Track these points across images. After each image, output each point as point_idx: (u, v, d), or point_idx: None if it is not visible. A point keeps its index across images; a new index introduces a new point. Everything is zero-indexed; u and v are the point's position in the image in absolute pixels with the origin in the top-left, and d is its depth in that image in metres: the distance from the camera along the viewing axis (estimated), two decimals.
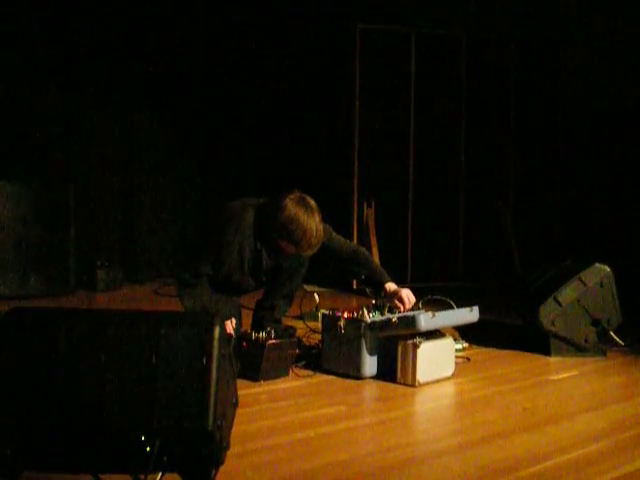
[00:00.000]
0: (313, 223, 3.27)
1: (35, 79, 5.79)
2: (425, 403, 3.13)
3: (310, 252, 3.40)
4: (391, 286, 3.56)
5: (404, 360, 3.23)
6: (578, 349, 3.85)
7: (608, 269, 3.89)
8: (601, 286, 3.86)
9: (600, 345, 3.89)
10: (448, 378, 3.36)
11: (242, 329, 3.57)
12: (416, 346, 3.20)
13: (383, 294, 3.54)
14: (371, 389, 3.25)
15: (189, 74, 6.46)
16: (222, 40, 6.55)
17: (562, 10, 6.33)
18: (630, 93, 5.97)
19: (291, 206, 3.29)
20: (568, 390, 3.34)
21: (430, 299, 3.63)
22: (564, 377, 3.52)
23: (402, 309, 3.46)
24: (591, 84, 6.26)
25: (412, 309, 3.49)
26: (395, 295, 3.50)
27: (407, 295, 3.49)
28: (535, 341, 3.94)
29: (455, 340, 3.64)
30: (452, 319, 3.47)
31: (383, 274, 3.63)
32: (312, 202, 3.34)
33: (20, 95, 5.75)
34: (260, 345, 3.24)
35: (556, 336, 3.83)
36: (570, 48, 6.46)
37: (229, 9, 6.53)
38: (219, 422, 1.90)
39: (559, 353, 3.85)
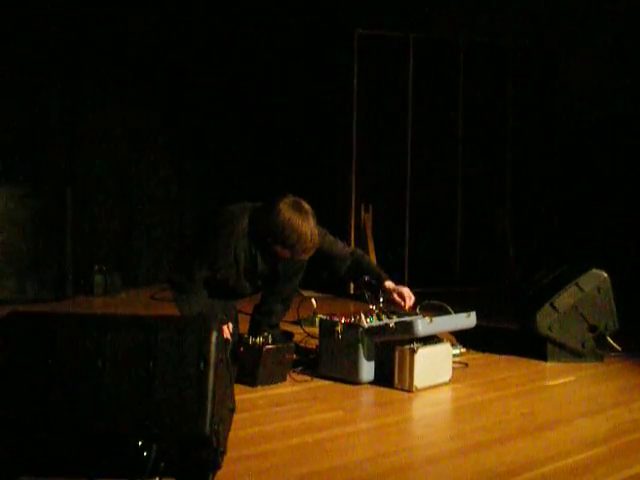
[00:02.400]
0: (308, 227, 3.27)
1: (33, 81, 5.79)
2: (422, 408, 3.13)
3: (305, 256, 3.40)
4: (390, 284, 3.57)
5: (401, 365, 3.23)
6: (575, 354, 3.85)
7: (605, 275, 3.90)
8: (598, 292, 3.87)
9: (597, 350, 3.89)
10: (445, 383, 3.36)
11: (239, 334, 3.57)
12: (413, 351, 3.20)
13: (382, 295, 3.54)
14: (368, 394, 3.24)
15: (188, 78, 6.46)
16: (221, 43, 6.56)
17: (560, 15, 6.34)
18: (628, 98, 5.99)
19: (285, 210, 3.28)
20: (565, 395, 3.35)
21: (427, 304, 3.63)
22: (561, 382, 3.52)
23: (404, 305, 3.46)
24: (589, 89, 6.28)
25: (410, 314, 3.49)
26: (396, 292, 3.51)
27: (408, 292, 3.51)
28: (532, 346, 3.95)
29: (452, 345, 3.64)
30: (449, 324, 3.47)
31: (381, 273, 3.64)
32: (307, 206, 3.34)
33: (18, 98, 5.75)
34: (257, 350, 3.23)
35: (553, 341, 3.84)
36: (567, 52, 6.48)
37: (228, 13, 6.54)
38: (216, 427, 1.90)
39: (556, 358, 3.85)
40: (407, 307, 3.48)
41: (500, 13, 6.44)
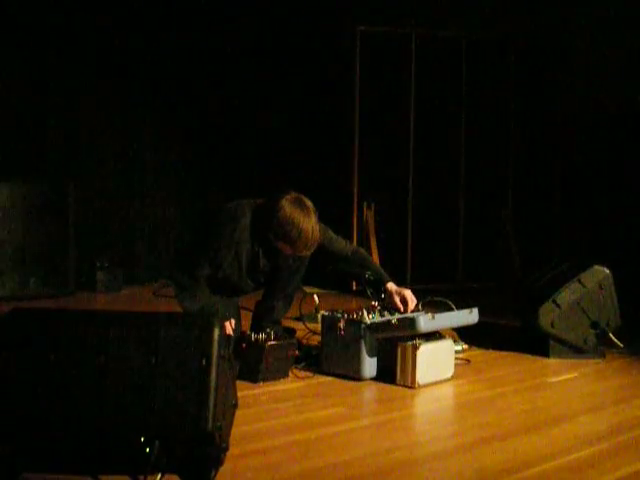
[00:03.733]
0: (309, 223, 3.27)
1: (34, 78, 5.79)
2: (424, 405, 3.13)
3: (306, 252, 3.39)
4: (392, 286, 3.56)
5: (404, 362, 3.23)
6: (577, 351, 3.85)
7: (607, 271, 3.89)
8: (600, 288, 3.86)
9: (599, 347, 3.89)
10: (447, 380, 3.36)
11: (241, 330, 3.57)
12: (416, 348, 3.20)
13: (383, 294, 3.55)
14: (370, 390, 3.25)
15: (189, 75, 6.46)
16: (223, 40, 6.55)
17: (563, 11, 6.33)
18: (630, 94, 5.97)
19: (287, 206, 3.29)
20: (567, 392, 3.35)
21: (430, 301, 3.63)
22: (563, 379, 3.52)
23: (405, 310, 3.46)
24: (591, 86, 6.26)
25: (412, 310, 3.49)
26: (398, 295, 3.50)
27: (410, 295, 3.50)
28: (534, 343, 3.94)
29: (454, 342, 3.64)
30: (452, 321, 3.47)
31: (383, 274, 3.64)
32: (308, 202, 3.34)
33: (19, 94, 5.75)
34: (259, 346, 3.24)
35: (555, 338, 3.84)
36: (571, 49, 6.46)
37: (230, 10, 6.54)
38: (218, 423, 1.90)
39: (558, 355, 3.85)
40: (409, 311, 3.47)
41: (503, 9, 6.42)
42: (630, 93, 5.98)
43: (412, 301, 3.49)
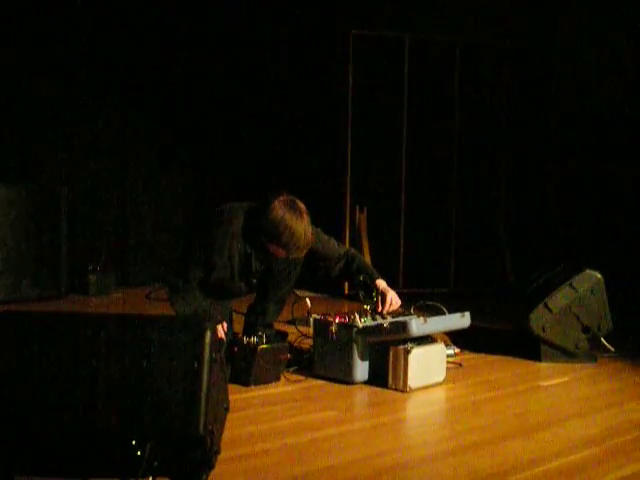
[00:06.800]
0: (301, 225, 3.27)
1: (29, 81, 5.78)
2: (416, 408, 3.13)
3: (298, 254, 3.39)
4: (381, 283, 3.56)
5: (395, 365, 3.23)
6: (569, 355, 3.86)
7: (599, 275, 3.90)
8: (592, 292, 3.88)
9: (590, 351, 3.90)
10: (439, 384, 3.36)
11: (233, 333, 3.57)
12: (407, 351, 3.20)
13: (374, 291, 3.55)
14: (362, 394, 3.25)
15: (185, 78, 6.45)
16: (217, 43, 6.55)
17: (557, 16, 6.35)
18: (625, 99, 5.99)
19: (279, 208, 3.29)
20: (559, 396, 3.35)
21: (422, 304, 3.63)
22: (555, 383, 3.53)
23: (382, 309, 3.45)
24: (586, 89, 6.28)
25: (403, 314, 3.49)
26: (381, 294, 3.50)
27: (392, 297, 3.49)
28: (526, 347, 3.95)
29: (446, 346, 3.64)
30: (444, 325, 3.47)
31: (374, 272, 3.63)
32: (301, 205, 3.34)
33: (13, 98, 5.74)
34: (251, 350, 3.24)
35: (547, 342, 3.85)
36: (565, 54, 6.48)
37: (224, 14, 6.54)
38: (210, 427, 1.90)
39: (550, 359, 3.86)
40: (384, 312, 3.46)
41: (496, 12, 6.43)
42: (625, 97, 5.99)
43: (390, 304, 3.48)
